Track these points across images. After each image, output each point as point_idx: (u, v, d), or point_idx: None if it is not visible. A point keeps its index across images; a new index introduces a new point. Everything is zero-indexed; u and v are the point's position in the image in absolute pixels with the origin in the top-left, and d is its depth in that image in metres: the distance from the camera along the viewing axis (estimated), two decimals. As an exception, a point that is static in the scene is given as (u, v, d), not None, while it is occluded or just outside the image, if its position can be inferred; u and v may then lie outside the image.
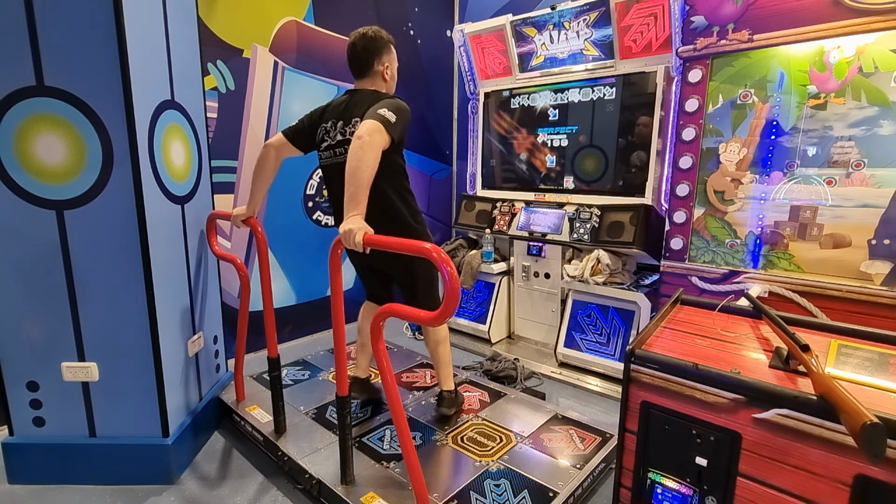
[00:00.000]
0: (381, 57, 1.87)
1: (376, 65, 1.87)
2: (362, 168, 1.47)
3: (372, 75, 1.89)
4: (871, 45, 1.85)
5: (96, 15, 1.57)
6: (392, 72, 1.93)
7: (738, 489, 1.11)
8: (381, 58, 1.87)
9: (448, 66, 4.07)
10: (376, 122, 1.53)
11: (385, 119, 1.56)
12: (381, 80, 1.90)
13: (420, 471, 1.47)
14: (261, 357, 2.57)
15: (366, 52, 1.86)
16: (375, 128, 1.52)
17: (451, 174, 4.29)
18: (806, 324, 1.42)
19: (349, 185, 1.47)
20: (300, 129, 1.95)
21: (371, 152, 1.49)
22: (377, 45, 1.86)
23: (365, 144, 1.48)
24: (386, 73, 1.90)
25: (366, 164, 1.47)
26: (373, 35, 1.86)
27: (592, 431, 2.01)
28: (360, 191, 1.46)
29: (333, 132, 1.85)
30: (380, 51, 1.87)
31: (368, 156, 1.48)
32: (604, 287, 2.69)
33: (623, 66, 2.71)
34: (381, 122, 1.54)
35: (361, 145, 1.48)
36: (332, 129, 1.86)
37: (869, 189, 1.90)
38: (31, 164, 1.64)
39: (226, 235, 2.85)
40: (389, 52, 1.90)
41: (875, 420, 0.82)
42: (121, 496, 1.80)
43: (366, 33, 1.86)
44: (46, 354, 1.77)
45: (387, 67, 1.90)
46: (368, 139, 1.49)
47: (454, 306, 1.20)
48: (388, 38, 1.90)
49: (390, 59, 1.91)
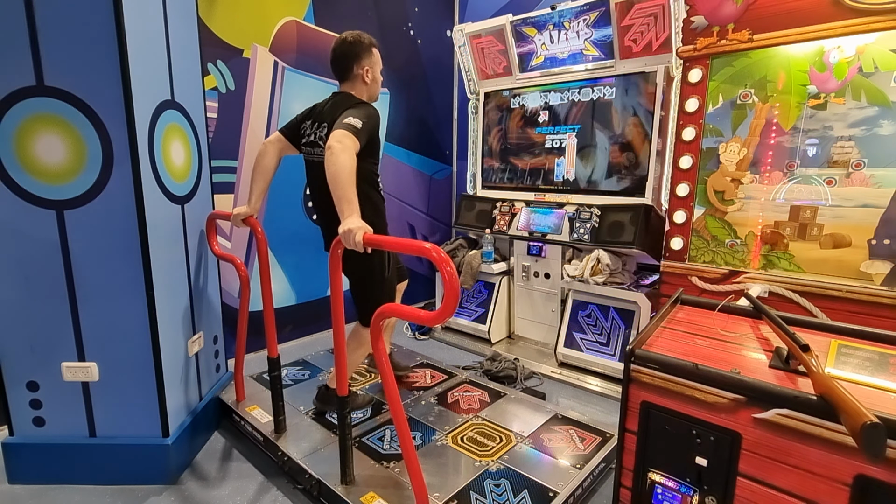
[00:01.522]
0: (360, 61, 1.93)
1: (356, 69, 1.93)
2: (339, 170, 1.53)
3: (352, 79, 1.95)
4: (871, 45, 1.85)
5: (96, 15, 1.57)
6: (374, 74, 1.98)
7: (738, 489, 1.11)
8: (360, 62, 1.93)
9: (448, 66, 4.07)
10: (343, 130, 1.61)
11: (351, 126, 1.64)
12: (361, 84, 1.96)
13: (420, 471, 1.47)
14: (261, 357, 2.57)
15: (345, 57, 1.92)
16: (342, 135, 1.60)
17: (451, 174, 4.29)
18: (806, 324, 1.42)
19: (335, 190, 1.53)
20: (293, 127, 2.04)
21: (343, 154, 1.56)
22: (356, 49, 1.92)
23: (336, 150, 1.56)
24: (366, 76, 1.95)
25: (342, 165, 1.53)
26: (352, 40, 1.92)
27: (592, 431, 2.01)
28: (347, 191, 1.52)
29: (309, 131, 1.96)
30: (359, 55, 1.92)
31: (342, 157, 1.55)
32: (604, 287, 2.69)
33: (623, 66, 2.71)
34: (348, 130, 1.62)
35: (333, 151, 1.56)
36: (309, 129, 1.96)
37: (869, 189, 1.90)
38: (31, 164, 1.64)
39: (226, 235, 2.85)
40: (370, 55, 1.95)
41: (875, 420, 0.82)
42: (121, 496, 1.80)
43: (346, 38, 1.93)
44: (46, 354, 1.77)
45: (367, 71, 1.95)
46: (339, 145, 1.57)
47: (454, 306, 1.21)
48: (368, 42, 1.95)
49: (371, 63, 1.96)
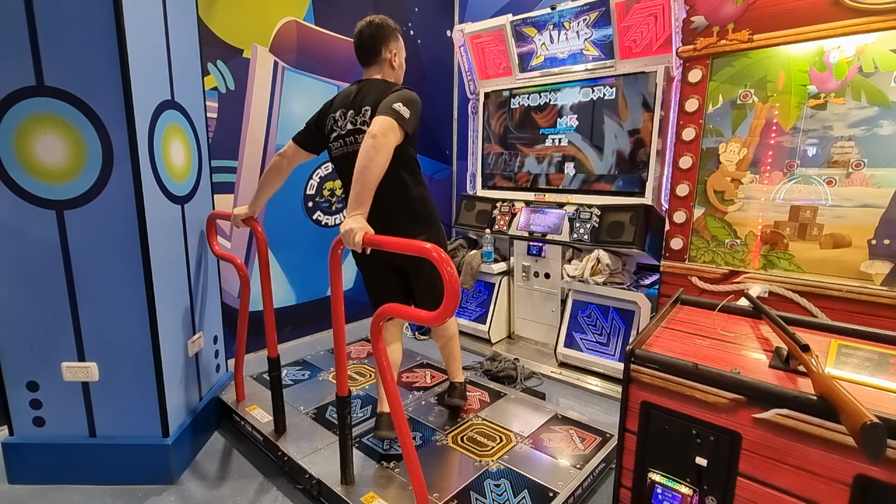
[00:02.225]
0: (388, 44, 1.82)
1: (384, 52, 1.82)
2: (372, 168, 1.44)
3: (380, 63, 1.84)
4: (871, 45, 1.85)
5: (96, 15, 1.57)
6: (400, 60, 1.88)
7: (738, 489, 1.11)
8: (388, 45, 1.83)
9: (448, 66, 4.07)
10: (390, 120, 1.50)
11: (399, 115, 1.52)
12: (389, 68, 1.85)
13: (420, 471, 1.47)
14: (261, 357, 2.57)
15: (373, 39, 1.81)
16: (390, 126, 1.49)
17: (451, 174, 4.29)
18: (806, 324, 1.43)
19: (356, 183, 1.44)
20: (309, 133, 1.92)
21: (383, 153, 1.46)
22: (384, 32, 1.82)
23: (378, 145, 1.45)
24: (394, 61, 1.85)
25: (376, 164, 1.44)
26: (380, 22, 1.82)
27: (592, 431, 2.01)
28: (366, 190, 1.44)
29: (343, 121, 1.80)
30: (387, 38, 1.82)
31: (380, 156, 1.45)
32: (604, 287, 2.69)
33: (623, 66, 2.71)
34: (396, 119, 1.51)
35: (375, 145, 1.45)
36: (342, 119, 1.80)
37: (869, 189, 1.90)
38: (31, 164, 1.64)
39: (226, 235, 2.85)
40: (397, 39, 1.85)
41: (875, 420, 0.82)
42: (121, 496, 1.80)
43: (372, 20, 1.82)
44: (46, 354, 1.77)
45: (395, 55, 1.85)
46: (383, 140, 1.46)
47: (454, 306, 1.21)
48: (395, 27, 1.86)
49: (398, 47, 1.86)
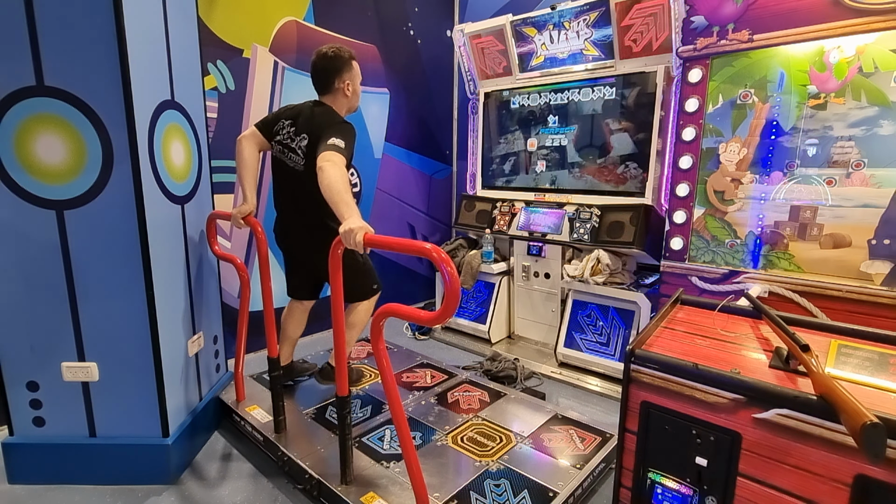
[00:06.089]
0: (341, 75, 2.00)
1: (336, 83, 2.01)
2: (335, 180, 1.58)
3: (333, 92, 2.03)
4: (871, 45, 1.85)
5: (96, 15, 1.57)
6: (354, 87, 2.06)
7: (738, 489, 1.11)
8: (341, 76, 2.00)
9: (448, 66, 4.07)
10: (331, 151, 1.69)
11: (336, 146, 1.72)
12: (342, 97, 2.04)
13: (420, 471, 1.46)
14: (261, 357, 2.57)
15: (325, 72, 1.99)
16: (331, 155, 1.68)
17: (451, 174, 4.29)
18: (806, 324, 1.42)
19: (332, 197, 1.57)
20: (266, 124, 2.08)
21: (336, 168, 1.63)
22: (336, 63, 1.98)
23: (328, 167, 1.62)
24: (347, 90, 2.03)
25: (336, 178, 1.59)
26: (332, 54, 1.99)
27: (592, 431, 2.01)
28: (344, 195, 1.55)
29: (287, 132, 2.01)
30: (339, 69, 1.99)
31: (336, 171, 1.61)
32: (604, 287, 2.69)
33: (623, 66, 2.71)
34: (335, 150, 1.70)
35: (325, 169, 1.61)
36: (288, 129, 2.01)
37: (869, 189, 1.90)
38: (31, 164, 1.64)
39: (226, 235, 2.84)
40: (350, 69, 2.02)
41: (875, 420, 0.82)
42: (121, 496, 1.80)
43: (326, 52, 1.99)
44: (46, 354, 1.77)
45: (347, 85, 2.02)
46: (329, 164, 1.63)
47: (454, 306, 1.20)
48: (348, 56, 2.01)
49: (351, 76, 2.03)
